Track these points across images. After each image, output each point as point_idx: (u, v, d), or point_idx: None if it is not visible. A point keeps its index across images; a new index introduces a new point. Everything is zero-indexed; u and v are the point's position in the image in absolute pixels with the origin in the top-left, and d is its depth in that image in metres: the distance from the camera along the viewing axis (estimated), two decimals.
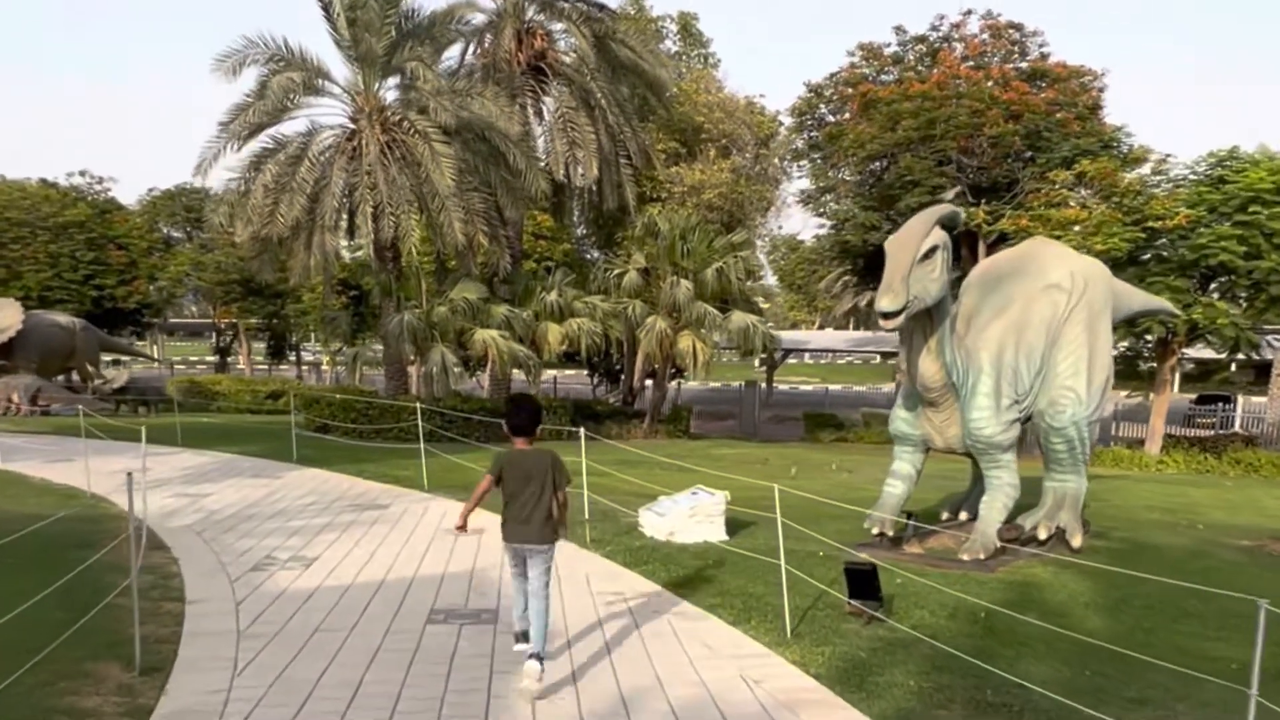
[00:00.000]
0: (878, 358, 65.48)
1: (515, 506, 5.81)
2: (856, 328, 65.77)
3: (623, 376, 31.57)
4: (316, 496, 12.92)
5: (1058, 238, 21.66)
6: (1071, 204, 22.06)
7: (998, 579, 8.59)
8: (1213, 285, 21.46)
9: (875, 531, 9.46)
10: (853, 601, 7.02)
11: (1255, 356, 23.66)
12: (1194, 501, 15.07)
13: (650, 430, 25.52)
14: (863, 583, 6.98)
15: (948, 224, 8.14)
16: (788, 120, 31.65)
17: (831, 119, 29.91)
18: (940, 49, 28.22)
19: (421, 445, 14.16)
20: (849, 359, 77.59)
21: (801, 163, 32.09)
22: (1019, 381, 9.22)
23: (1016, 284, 9.73)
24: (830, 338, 62.87)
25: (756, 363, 48.58)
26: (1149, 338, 22.04)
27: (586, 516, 10.28)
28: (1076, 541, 9.83)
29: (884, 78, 28.84)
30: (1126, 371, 25.37)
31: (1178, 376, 40.61)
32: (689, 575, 8.54)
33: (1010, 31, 27.82)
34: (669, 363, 26.40)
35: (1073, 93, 25.80)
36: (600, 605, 7.63)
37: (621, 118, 26.66)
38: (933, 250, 7.79)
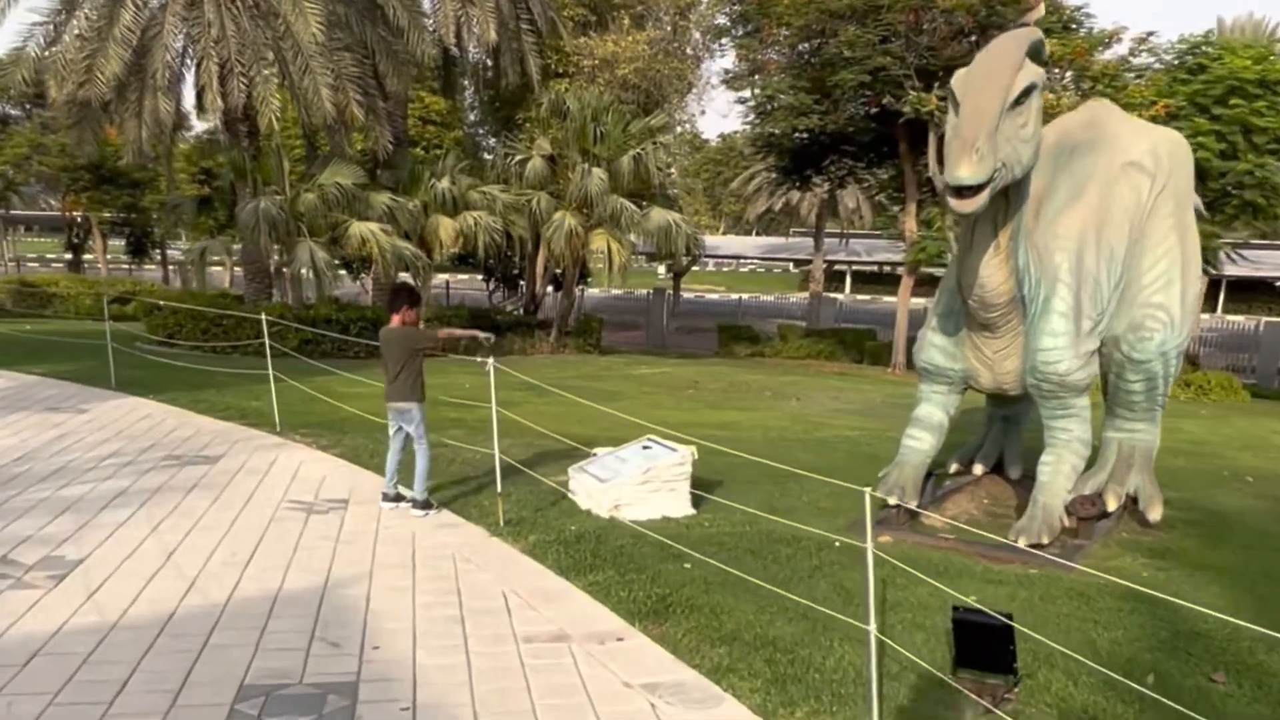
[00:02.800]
0: (791, 266, 63.37)
1: (389, 374, 7.14)
2: (761, 233, 63.44)
3: (523, 281, 28.18)
4: (124, 442, 9.46)
5: None
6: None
7: (1094, 586, 5.83)
8: None
9: (893, 502, 6.91)
10: (966, 673, 4.19)
11: (1211, 271, 21.89)
12: (1199, 439, 13.01)
13: (558, 344, 22.39)
14: (987, 645, 4.14)
15: (1034, 56, 5.56)
16: None
17: None
18: None
19: (270, 372, 10.62)
20: (752, 267, 75.35)
21: (723, 40, 28.48)
22: (1099, 296, 6.61)
23: (1086, 159, 6.95)
24: (740, 244, 60.19)
25: (661, 269, 45.62)
26: None
27: (498, 478, 7.14)
28: (1155, 513, 7.33)
29: None
30: None
31: None
32: (664, 596, 5.53)
33: None
34: (579, 266, 23.15)
35: None
36: (530, 671, 4.59)
37: None
38: (1028, 91, 5.32)
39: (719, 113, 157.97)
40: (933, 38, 22.26)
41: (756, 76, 25.66)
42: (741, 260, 68.08)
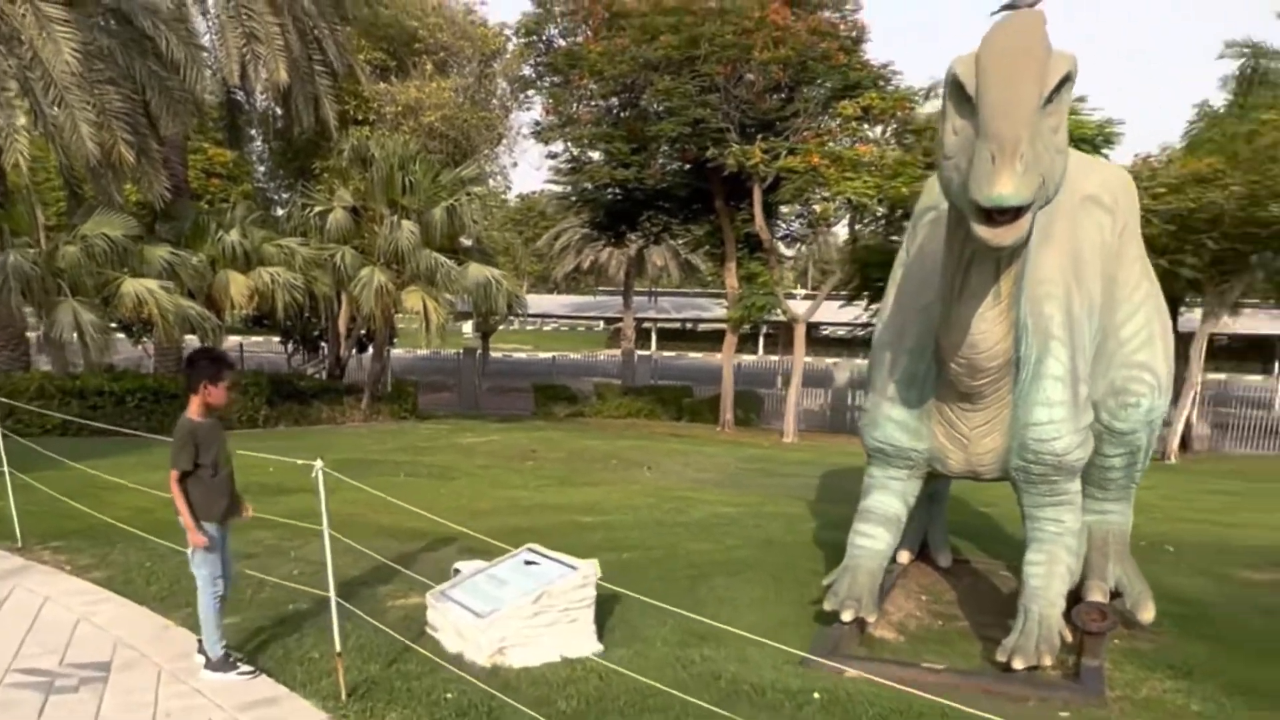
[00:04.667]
0: (602, 323, 62.99)
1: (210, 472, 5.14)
2: (567, 291, 62.92)
3: (325, 343, 25.78)
4: None
5: (850, 180, 19.31)
6: (864, 141, 19.68)
7: None
8: None
9: (848, 617, 5.58)
10: None
11: None
12: None
13: (370, 411, 20.30)
14: None
15: None
16: (514, 38, 26.91)
17: (563, 41, 25.61)
18: None
19: (5, 468, 7.82)
20: (557, 325, 74.58)
21: (530, 92, 27.50)
22: (1087, 355, 5.55)
23: None
24: (547, 302, 59.26)
25: (467, 328, 43.86)
26: None
27: (334, 629, 4.87)
28: (1148, 613, 6.11)
29: None
30: None
31: None
32: None
33: None
34: (390, 326, 21.23)
35: (832, 25, 23.50)
36: None
37: (316, 10, 20.92)
38: (1063, 83, 4.00)
39: (532, 165, 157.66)
40: (750, 91, 22.22)
41: (568, 129, 24.84)
42: (547, 318, 67.31)
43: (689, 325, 61.57)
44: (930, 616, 6.36)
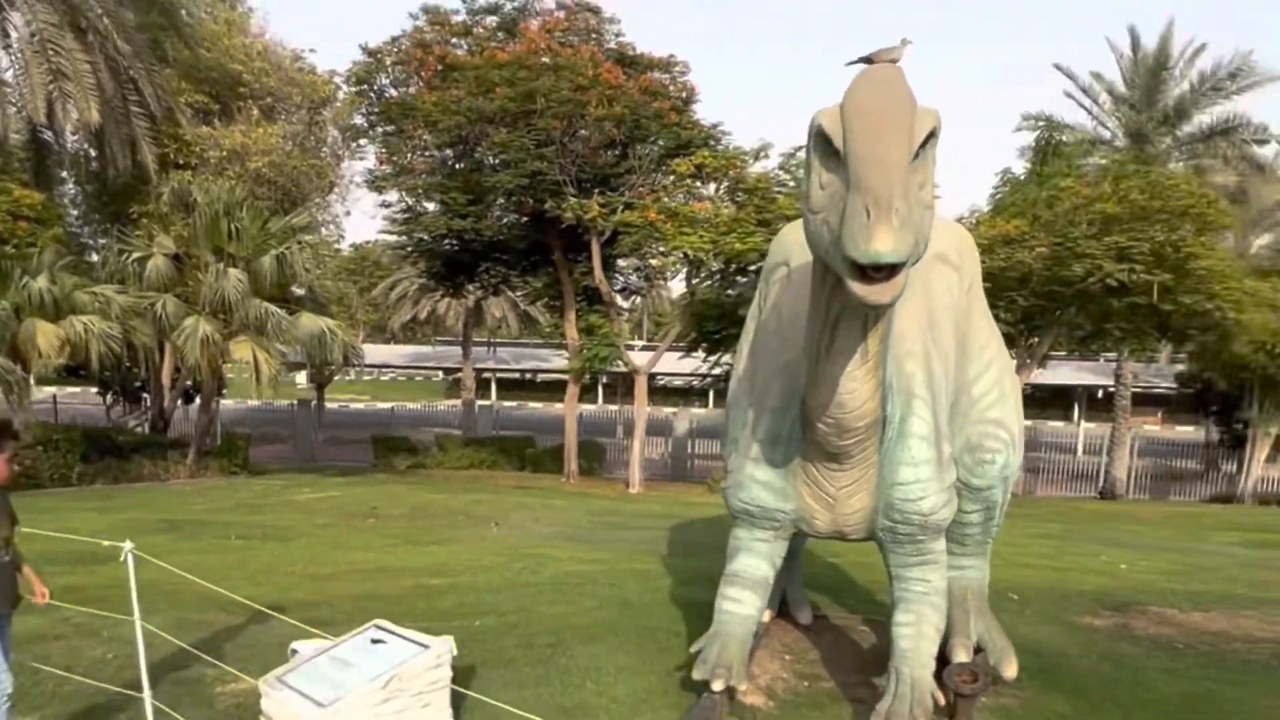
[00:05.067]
0: (441, 373, 62.00)
1: None
2: (404, 341, 61.74)
3: (147, 394, 24.34)
4: None
5: (686, 235, 19.96)
6: (698, 198, 20.42)
7: None
8: None
9: (719, 687, 5.35)
10: None
11: None
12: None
13: (198, 467, 19.29)
14: None
15: None
16: (345, 86, 26.51)
17: (395, 91, 25.47)
18: (518, 21, 25.23)
19: None
20: (394, 375, 72.91)
21: (363, 141, 27.11)
22: (946, 414, 5.55)
23: None
24: (384, 352, 57.89)
25: (301, 378, 42.35)
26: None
27: (148, 706, 4.63)
28: (1011, 669, 6.14)
29: (454, 49, 25.10)
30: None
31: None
32: None
33: (587, 15, 25.74)
34: (218, 377, 20.32)
35: (663, 85, 24.39)
36: None
37: (131, 50, 20.09)
38: (929, 138, 3.83)
39: (366, 213, 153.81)
40: (586, 146, 22.73)
41: (402, 178, 24.63)
42: (384, 368, 65.78)
43: (528, 375, 61.45)
44: (796, 678, 6.32)
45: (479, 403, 40.79)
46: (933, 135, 3.86)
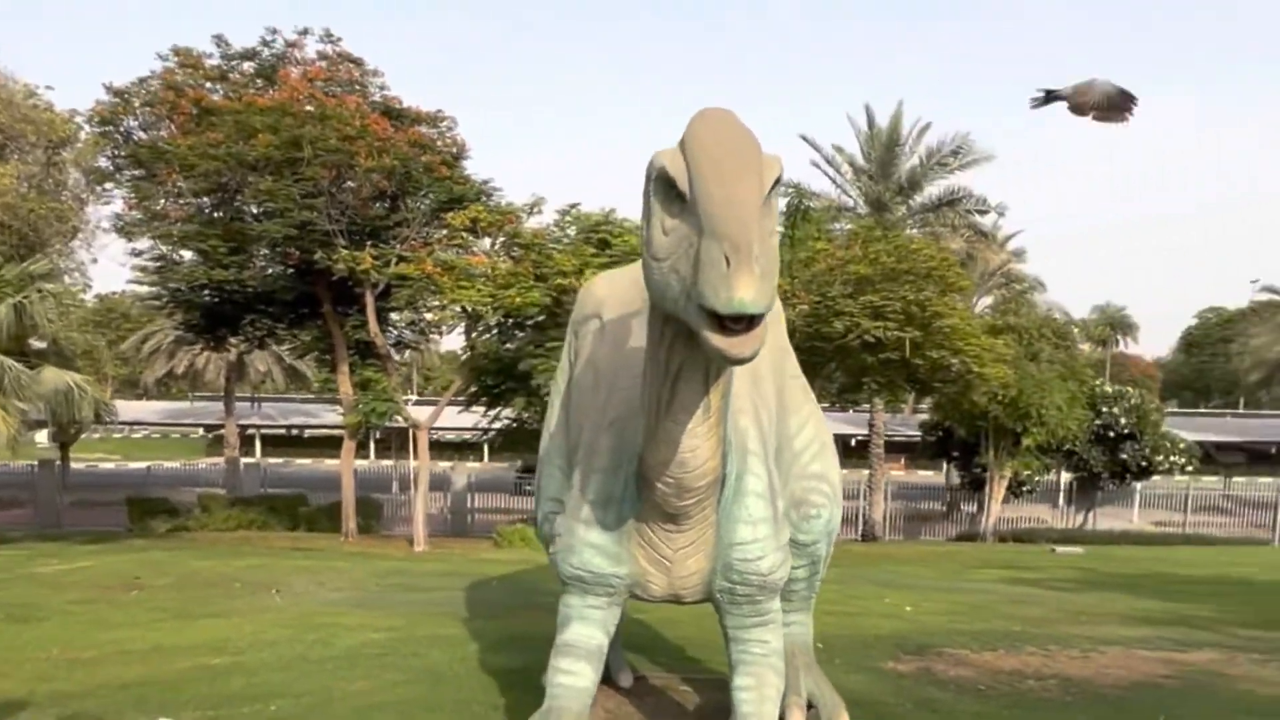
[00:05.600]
0: (202, 430, 58.13)
1: None
2: (159, 397, 57.60)
3: None
4: None
5: (465, 289, 20.10)
6: (473, 252, 20.64)
7: None
8: None
9: None
10: None
11: None
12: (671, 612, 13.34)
13: None
14: None
15: None
16: (87, 127, 24.76)
17: (144, 134, 24.11)
18: (278, 69, 24.61)
19: None
20: (148, 432, 67.65)
21: (109, 185, 25.34)
22: (775, 470, 5.47)
23: None
24: (137, 409, 53.67)
25: (42, 436, 38.76)
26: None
27: None
28: None
29: (209, 93, 24.10)
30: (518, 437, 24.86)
31: None
32: None
33: (350, 66, 25.46)
34: None
35: (431, 139, 24.50)
36: None
37: None
38: (775, 184, 3.72)
39: (115, 260, 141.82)
40: (356, 197, 22.48)
41: (155, 224, 23.31)
42: (137, 426, 61.00)
43: (296, 431, 59.02)
44: None
45: (244, 460, 39.06)
46: (777, 181, 3.71)
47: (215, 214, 23.24)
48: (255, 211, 22.40)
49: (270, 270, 23.79)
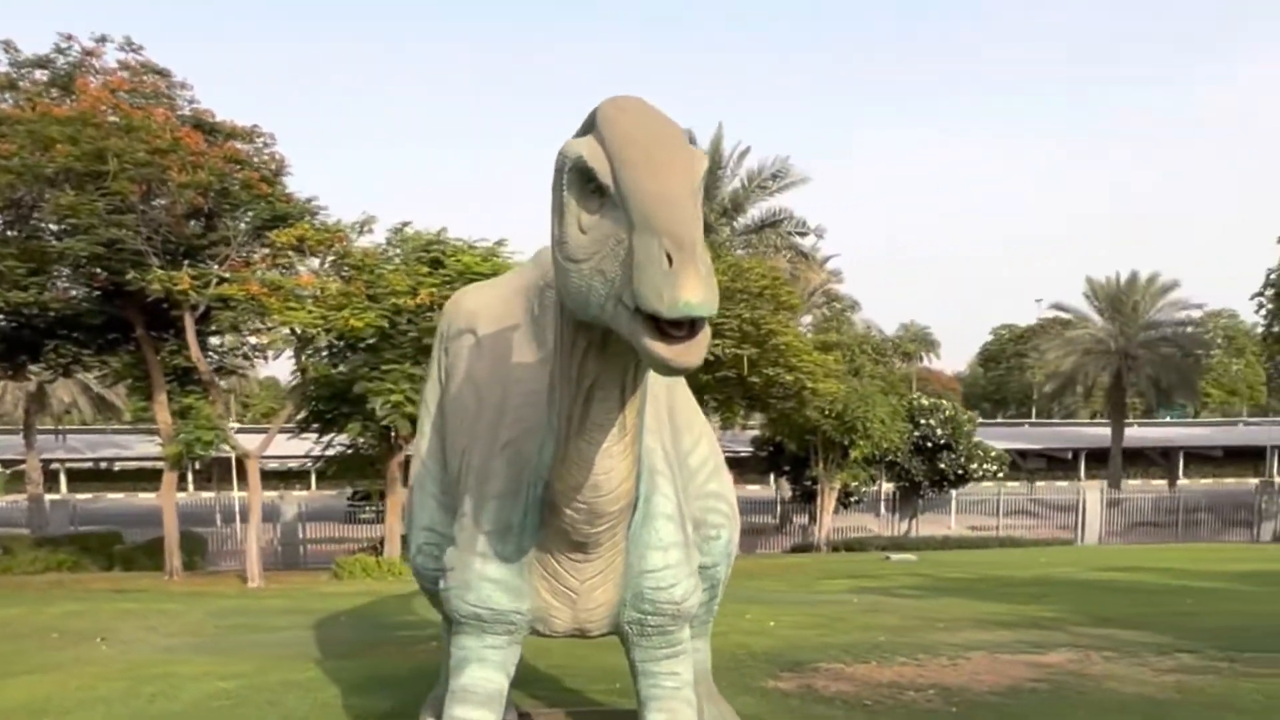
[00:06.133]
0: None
1: None
2: None
3: None
4: None
5: (294, 310, 19.31)
6: (302, 271, 19.90)
7: None
8: None
9: None
10: None
11: None
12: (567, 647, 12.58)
13: None
14: None
15: None
16: None
17: None
18: (75, 78, 23.03)
19: None
20: None
21: None
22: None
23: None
24: None
25: None
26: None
27: None
28: None
29: None
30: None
31: None
32: None
33: (155, 78, 24.08)
34: None
35: (247, 155, 23.46)
36: None
37: None
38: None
39: None
40: (169, 214, 21.26)
41: None
42: None
43: (106, 464, 55.25)
44: None
45: (49, 497, 36.36)
46: (704, 174, 3.47)
47: (9, 232, 21.54)
48: (55, 229, 20.88)
49: (74, 292, 22.23)
